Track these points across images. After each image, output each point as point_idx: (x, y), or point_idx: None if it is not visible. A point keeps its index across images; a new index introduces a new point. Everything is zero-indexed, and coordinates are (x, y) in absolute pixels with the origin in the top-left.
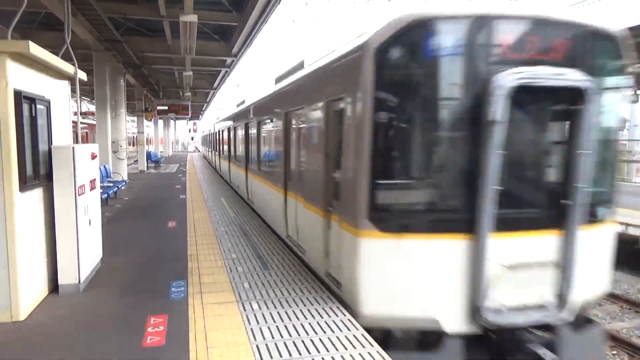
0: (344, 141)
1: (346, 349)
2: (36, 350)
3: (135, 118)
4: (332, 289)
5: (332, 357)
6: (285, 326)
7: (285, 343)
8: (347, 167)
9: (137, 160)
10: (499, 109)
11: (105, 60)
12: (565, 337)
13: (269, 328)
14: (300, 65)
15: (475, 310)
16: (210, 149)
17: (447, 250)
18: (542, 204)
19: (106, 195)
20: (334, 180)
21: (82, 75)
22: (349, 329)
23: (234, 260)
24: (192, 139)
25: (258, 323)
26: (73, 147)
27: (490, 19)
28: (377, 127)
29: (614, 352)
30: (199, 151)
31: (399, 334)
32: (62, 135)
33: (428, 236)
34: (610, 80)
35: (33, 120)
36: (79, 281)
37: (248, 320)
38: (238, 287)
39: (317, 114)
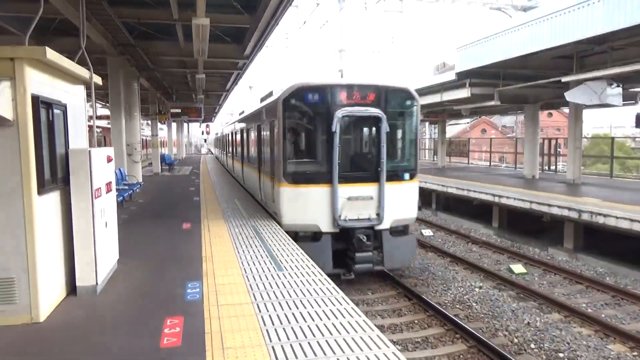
0: (275, 142)
1: (362, 349)
2: (55, 351)
3: (149, 121)
4: (274, 218)
5: (348, 358)
6: (300, 327)
7: (300, 344)
8: (277, 155)
9: (151, 163)
10: (337, 126)
11: (119, 64)
12: (386, 241)
13: (284, 329)
14: (270, 94)
15: (335, 220)
16: (221, 150)
17: (320, 192)
18: (366, 170)
19: (121, 197)
20: (273, 162)
21: (97, 80)
22: (364, 330)
23: (248, 261)
24: (205, 141)
25: (273, 324)
26: (89, 151)
27: (335, 85)
28: (286, 135)
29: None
30: (212, 153)
31: (301, 234)
32: (78, 138)
33: (310, 186)
34: (403, 111)
35: (50, 124)
36: (96, 283)
37: (263, 321)
38: (253, 288)
39: (267, 127)
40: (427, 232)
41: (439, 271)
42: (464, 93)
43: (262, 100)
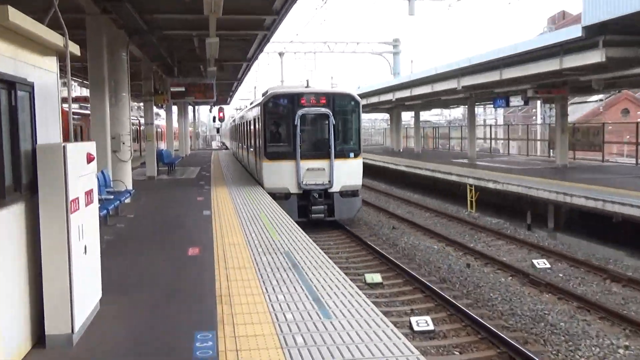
0: (259, 132)
1: None
2: None
3: (141, 104)
4: (259, 183)
5: None
6: None
7: None
8: (260, 141)
9: (144, 163)
10: (297, 121)
11: (102, 26)
12: (336, 200)
13: None
14: (265, 92)
15: (299, 184)
16: (239, 144)
17: (288, 165)
18: (320, 149)
19: (105, 211)
20: (259, 147)
21: (74, 49)
22: None
23: (281, 303)
24: (218, 131)
25: None
26: (64, 147)
27: (299, 93)
28: (266, 128)
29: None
30: (226, 147)
31: (277, 194)
32: (49, 130)
33: (282, 161)
34: (346, 109)
35: (12, 111)
36: (72, 331)
37: None
38: (288, 342)
39: (257, 122)
40: (541, 262)
41: (561, 322)
42: (595, 57)
43: (262, 94)
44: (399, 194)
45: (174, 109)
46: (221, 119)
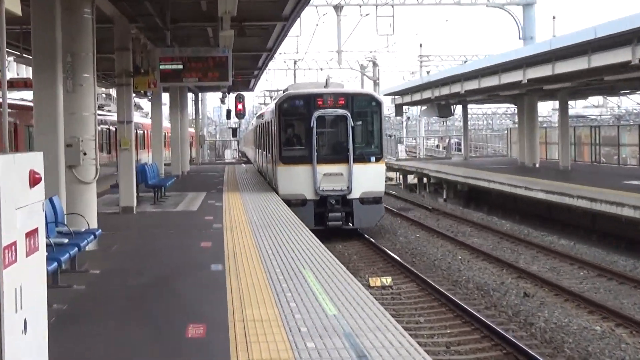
0: (274, 135)
1: None
2: None
3: (113, 91)
4: (274, 189)
5: None
6: None
7: None
8: (275, 144)
9: (116, 185)
10: (314, 123)
11: None
12: (356, 207)
13: None
14: (286, 90)
15: (316, 190)
16: (261, 150)
17: (304, 170)
18: (338, 153)
19: (56, 264)
20: (273, 150)
21: (11, 5)
22: None
23: None
24: (235, 133)
25: None
26: None
27: (315, 94)
28: (281, 130)
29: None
30: (248, 160)
31: (293, 201)
32: None
33: (298, 165)
34: (367, 110)
35: None
36: None
37: None
38: None
39: (271, 124)
40: None
41: None
42: None
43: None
44: (536, 238)
45: (165, 98)
46: (240, 114)
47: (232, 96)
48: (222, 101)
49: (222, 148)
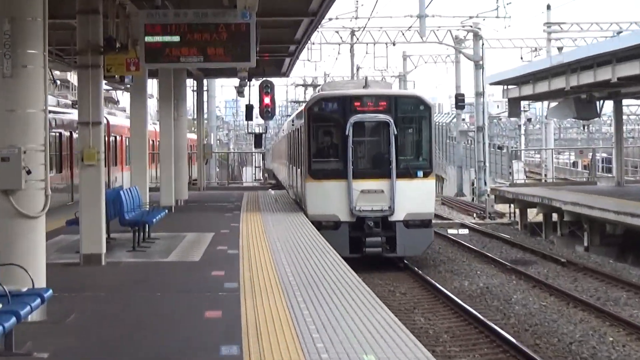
0: (303, 145)
1: None
2: None
3: (73, 75)
4: (302, 209)
5: None
6: None
7: None
8: (304, 155)
9: (75, 221)
10: (350, 130)
11: None
12: (399, 231)
13: None
14: (321, 88)
15: (351, 210)
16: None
17: (338, 186)
18: (378, 166)
19: None
20: (302, 163)
21: None
22: None
23: None
24: (259, 142)
25: None
26: None
27: (352, 96)
28: (310, 139)
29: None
30: (276, 182)
31: (324, 223)
32: None
33: (330, 180)
34: (413, 115)
35: None
36: None
37: None
38: None
39: (300, 132)
40: None
41: None
42: None
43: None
44: None
45: (152, 87)
46: (267, 112)
47: (255, 85)
48: (240, 93)
49: (239, 164)
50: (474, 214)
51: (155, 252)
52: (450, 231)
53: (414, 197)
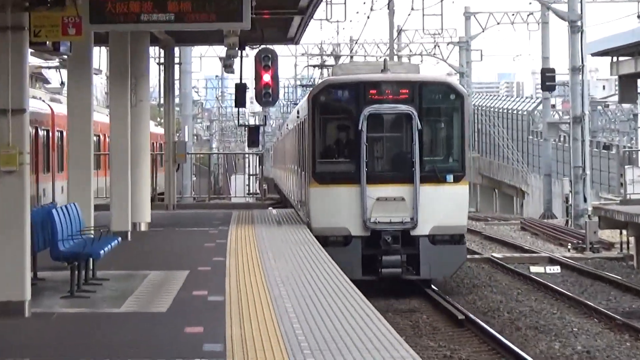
0: (306, 142)
1: None
2: None
3: None
4: (305, 222)
5: None
6: None
7: None
8: (307, 155)
9: None
10: (363, 124)
11: None
12: (424, 247)
13: None
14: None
15: (365, 222)
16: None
17: (349, 192)
18: (398, 169)
19: None
20: (304, 164)
21: None
22: None
23: None
24: (255, 137)
25: None
26: None
27: (367, 82)
28: (315, 134)
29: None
30: (280, 198)
31: (331, 237)
32: None
33: (340, 185)
34: (442, 106)
35: None
36: None
37: None
38: None
39: (302, 127)
40: None
41: None
42: None
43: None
44: None
45: (99, 58)
46: (267, 94)
47: (250, 56)
48: (228, 67)
49: (226, 171)
50: (569, 245)
51: (104, 298)
52: (534, 269)
53: (442, 206)
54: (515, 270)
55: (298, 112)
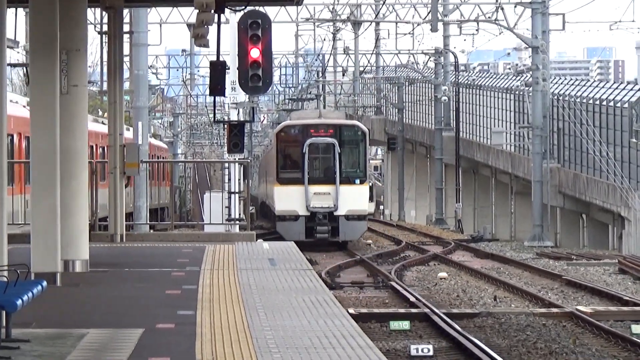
0: (272, 159)
1: None
2: None
3: None
4: (271, 208)
5: None
6: None
7: None
8: (273, 167)
9: None
10: (306, 149)
11: None
12: (342, 222)
13: None
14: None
15: (307, 206)
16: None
17: (297, 189)
18: (327, 175)
19: None
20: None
21: None
22: None
23: None
24: (243, 132)
25: None
26: None
27: (308, 125)
28: (278, 155)
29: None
30: (270, 225)
31: (288, 217)
32: None
33: (292, 185)
34: (352, 139)
35: None
36: None
37: None
38: None
39: (271, 151)
40: None
41: None
42: None
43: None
44: None
45: (14, 24)
46: (256, 76)
47: (232, 23)
48: (199, 38)
49: (197, 186)
50: None
51: None
52: (638, 329)
53: (352, 198)
54: (610, 330)
55: (270, 141)
